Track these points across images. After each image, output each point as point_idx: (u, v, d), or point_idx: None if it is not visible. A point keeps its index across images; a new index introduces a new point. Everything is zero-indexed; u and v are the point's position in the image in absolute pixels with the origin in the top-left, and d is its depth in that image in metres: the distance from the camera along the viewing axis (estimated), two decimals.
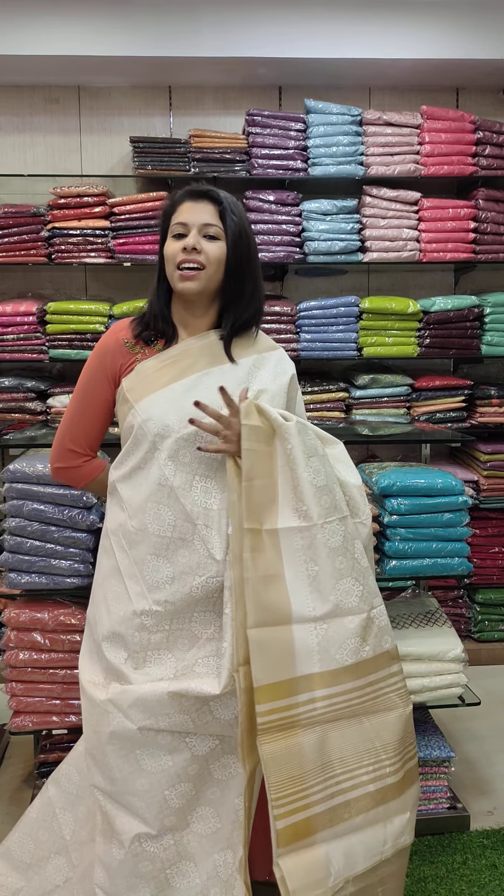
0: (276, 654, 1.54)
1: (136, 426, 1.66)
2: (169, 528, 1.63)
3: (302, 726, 1.54)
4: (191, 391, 1.66)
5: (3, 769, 2.76)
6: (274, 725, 1.52)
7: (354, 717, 1.61)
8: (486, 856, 2.28)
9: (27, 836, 1.87)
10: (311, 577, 1.59)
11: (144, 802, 1.62)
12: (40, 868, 1.83)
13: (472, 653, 3.05)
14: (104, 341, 1.76)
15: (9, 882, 1.85)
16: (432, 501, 2.34)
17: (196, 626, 1.66)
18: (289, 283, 3.95)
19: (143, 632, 1.63)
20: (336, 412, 3.62)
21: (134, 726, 1.60)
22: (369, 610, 1.64)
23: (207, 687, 1.59)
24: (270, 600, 1.55)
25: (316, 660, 1.57)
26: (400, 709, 1.67)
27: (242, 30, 3.46)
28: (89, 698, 1.67)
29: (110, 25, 3.42)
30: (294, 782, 1.51)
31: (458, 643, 2.38)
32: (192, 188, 1.71)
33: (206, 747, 1.65)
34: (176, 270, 1.65)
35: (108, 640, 1.67)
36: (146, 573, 1.64)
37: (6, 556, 2.34)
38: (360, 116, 3.57)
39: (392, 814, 1.62)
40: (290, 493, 1.62)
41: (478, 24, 3.54)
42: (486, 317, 3.65)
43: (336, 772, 1.57)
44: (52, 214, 3.48)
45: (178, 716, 1.60)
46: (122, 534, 1.68)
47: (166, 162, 3.53)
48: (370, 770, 1.60)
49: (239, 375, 1.70)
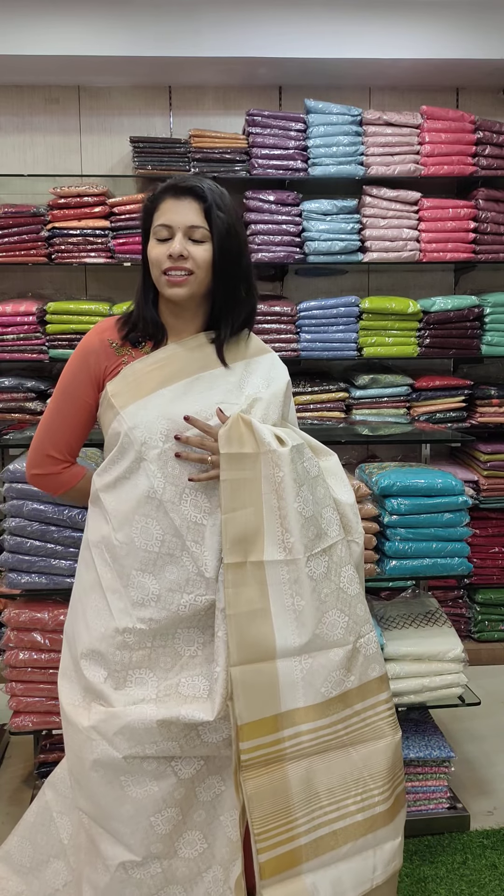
0: (261, 691, 1.50)
1: (123, 434, 1.57)
2: (157, 542, 1.55)
3: (287, 760, 1.51)
4: (180, 398, 1.58)
5: (3, 769, 2.76)
6: (259, 761, 1.48)
7: (342, 747, 1.58)
8: (486, 856, 2.28)
9: (26, 839, 1.86)
10: (297, 611, 1.54)
11: (129, 829, 1.55)
12: (40, 872, 1.82)
13: (472, 653, 3.05)
14: (88, 341, 1.65)
15: (9, 885, 1.84)
16: (432, 501, 2.34)
17: (179, 644, 1.59)
18: (289, 283, 3.95)
19: (124, 650, 1.56)
20: (336, 412, 3.62)
21: (119, 755, 1.52)
22: (355, 640, 1.60)
23: (200, 713, 1.52)
24: (255, 636, 1.51)
25: (300, 694, 1.54)
26: (389, 737, 1.63)
27: (242, 30, 3.46)
28: (71, 723, 1.58)
29: (110, 25, 3.42)
30: (278, 816, 1.48)
31: (458, 643, 2.38)
32: (174, 183, 1.58)
33: (191, 770, 1.58)
34: (162, 276, 1.57)
35: (87, 658, 1.59)
36: (131, 589, 1.56)
37: (6, 556, 2.34)
38: (360, 116, 3.57)
39: (381, 840, 1.58)
40: (277, 523, 1.55)
41: (478, 24, 3.54)
42: (486, 317, 3.65)
43: (322, 803, 1.53)
44: (52, 214, 3.48)
45: (166, 743, 1.53)
46: (105, 546, 1.59)
47: (166, 162, 3.53)
48: (358, 800, 1.57)
49: (231, 381, 1.63)
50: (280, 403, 1.67)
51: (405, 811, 1.67)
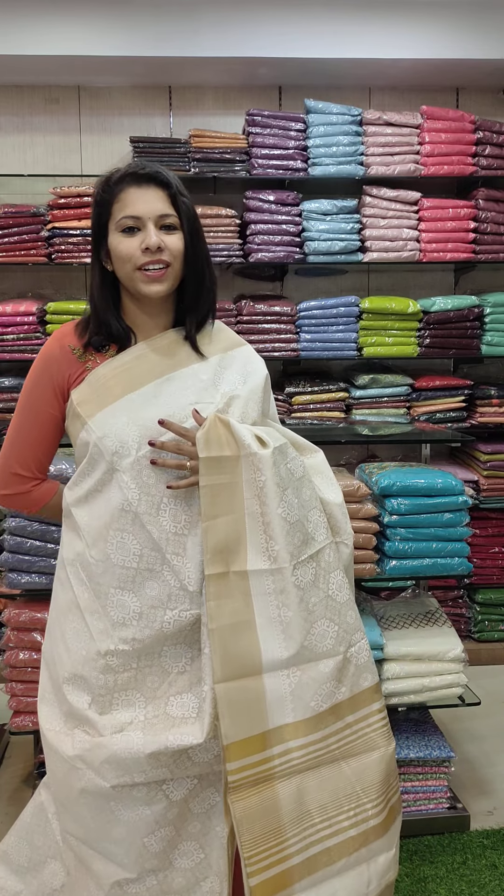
0: (247, 709, 1.42)
1: (92, 444, 1.47)
2: (134, 558, 1.46)
3: (277, 778, 1.44)
4: (151, 401, 1.48)
5: (3, 769, 2.76)
6: (247, 781, 1.40)
7: (333, 762, 1.51)
8: (486, 856, 2.28)
9: (23, 840, 1.85)
10: (284, 622, 1.46)
11: (122, 849, 1.48)
12: (38, 872, 1.82)
13: (472, 653, 3.05)
14: (48, 349, 1.53)
15: (8, 885, 1.84)
16: (432, 501, 2.34)
17: (166, 661, 1.50)
18: (289, 283, 3.95)
19: (108, 673, 1.46)
20: (336, 412, 3.62)
21: (107, 784, 1.44)
22: (346, 650, 1.53)
23: (189, 737, 1.43)
24: (240, 650, 1.42)
25: (289, 709, 1.46)
26: (382, 748, 1.56)
27: (242, 30, 3.46)
28: (54, 750, 1.50)
29: (110, 25, 3.42)
30: (269, 837, 1.41)
31: (458, 643, 2.38)
32: (133, 170, 1.47)
33: (183, 791, 1.50)
34: (136, 272, 1.46)
35: (69, 683, 1.49)
36: (110, 609, 1.46)
37: (6, 556, 2.34)
38: (360, 116, 3.57)
39: (375, 853, 1.52)
40: (260, 530, 1.46)
41: (478, 24, 3.54)
42: (486, 317, 3.65)
43: (315, 820, 1.47)
44: (52, 214, 3.48)
45: (155, 770, 1.45)
46: (80, 564, 1.49)
47: (166, 162, 3.53)
48: (351, 815, 1.50)
49: (204, 379, 1.53)
50: (259, 399, 1.58)
51: (400, 820, 1.62)
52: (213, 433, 1.44)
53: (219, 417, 1.46)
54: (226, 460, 1.44)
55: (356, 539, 2.28)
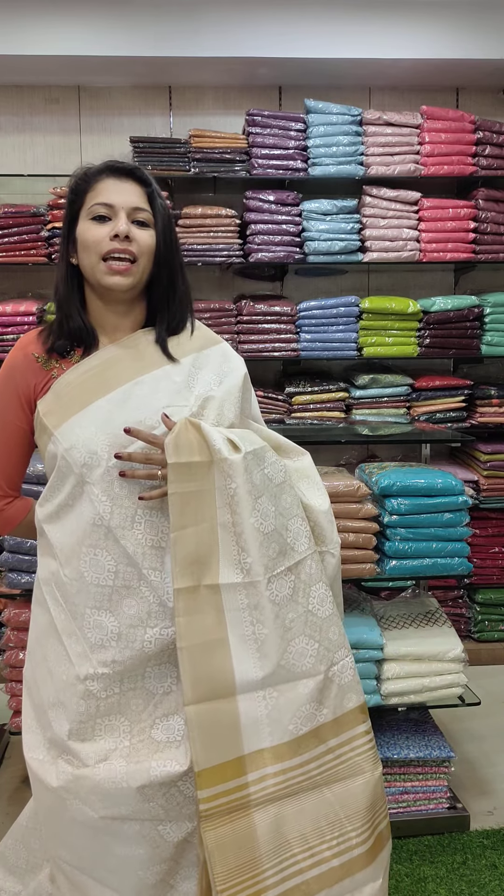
0: (220, 733, 1.33)
1: (59, 456, 1.38)
2: (109, 575, 1.37)
3: (253, 807, 1.34)
4: (120, 407, 1.40)
5: (3, 769, 2.76)
6: (220, 810, 1.32)
7: (315, 788, 1.41)
8: (486, 856, 2.28)
9: (20, 842, 1.84)
10: (259, 640, 1.37)
11: (117, 878, 1.41)
12: (35, 875, 1.81)
13: (472, 653, 3.05)
14: (10, 360, 1.46)
15: (7, 886, 1.84)
16: (432, 501, 2.34)
17: (150, 682, 1.40)
18: (289, 283, 3.95)
19: (89, 699, 1.37)
20: (336, 412, 3.62)
21: (95, 815, 1.36)
22: (327, 669, 1.43)
23: (173, 763, 1.35)
24: (212, 670, 1.34)
25: (266, 733, 1.36)
26: (367, 773, 1.45)
27: (242, 30, 3.46)
28: (39, 780, 1.42)
29: (110, 25, 3.42)
30: (244, 869, 1.32)
31: (458, 643, 2.38)
32: (113, 163, 1.44)
33: (181, 833, 1.40)
34: (101, 262, 1.39)
35: (54, 709, 1.41)
36: (87, 630, 1.38)
37: (6, 556, 2.34)
38: (360, 116, 3.57)
39: (360, 884, 1.42)
40: (232, 541, 1.37)
41: (478, 24, 3.54)
42: (486, 317, 3.65)
43: (294, 850, 1.37)
44: (52, 214, 3.48)
45: (144, 804, 1.36)
46: (55, 584, 1.41)
47: (166, 162, 3.53)
48: (334, 844, 1.40)
49: (177, 381, 1.44)
50: (236, 400, 1.48)
51: (389, 847, 1.51)
52: (182, 438, 1.36)
53: (189, 421, 1.38)
54: (196, 466, 1.36)
55: (356, 539, 2.29)
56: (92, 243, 1.39)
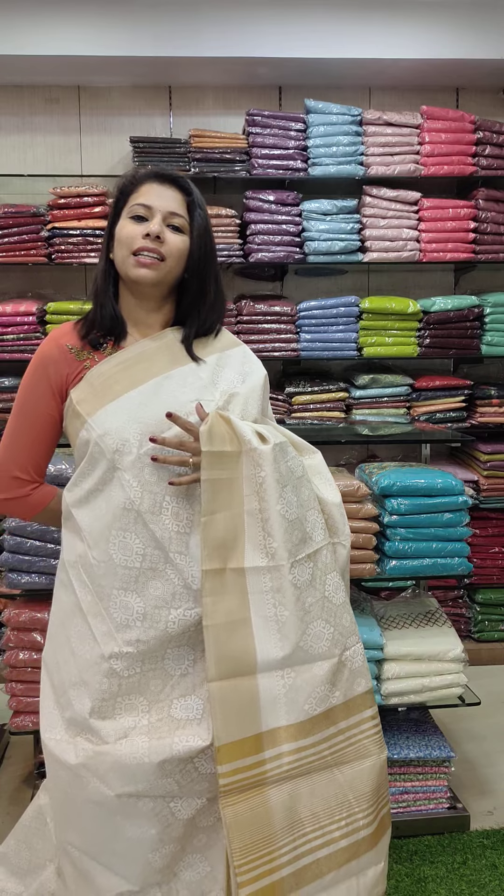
0: (240, 709, 1.39)
1: (92, 442, 1.46)
2: (137, 557, 1.44)
3: (269, 784, 1.40)
4: (151, 398, 1.48)
5: (3, 769, 2.76)
6: (239, 786, 1.38)
7: (326, 768, 1.48)
8: (486, 856, 2.28)
9: (22, 842, 1.85)
10: (280, 622, 1.44)
11: (125, 862, 1.46)
12: (37, 875, 1.82)
13: (472, 653, 3.05)
14: (44, 350, 1.53)
15: (8, 887, 1.84)
16: (432, 501, 2.34)
17: (169, 664, 1.48)
18: (289, 283, 3.95)
19: (112, 678, 1.44)
20: (336, 412, 3.62)
21: (112, 793, 1.42)
22: (341, 653, 1.50)
23: (196, 739, 1.42)
24: (236, 649, 1.40)
25: (283, 712, 1.43)
26: (374, 756, 1.53)
27: (242, 30, 3.46)
28: (56, 759, 1.47)
29: (110, 25, 3.42)
30: (260, 845, 1.38)
31: (458, 643, 2.38)
32: (159, 170, 1.53)
33: (191, 810, 1.47)
34: (131, 256, 1.48)
35: (75, 688, 1.47)
36: (113, 610, 1.44)
37: (6, 556, 2.34)
38: (360, 116, 3.57)
39: (364, 867, 1.49)
40: (258, 527, 1.45)
41: (478, 24, 3.55)
42: (486, 317, 3.65)
43: (306, 829, 1.43)
44: (52, 214, 3.48)
45: (161, 780, 1.42)
46: (81, 566, 1.48)
47: (166, 162, 3.53)
48: (343, 825, 1.47)
49: (203, 377, 1.53)
50: (259, 398, 1.58)
51: (389, 833, 1.58)
52: (216, 428, 1.44)
53: (220, 414, 1.46)
54: (227, 456, 1.44)
55: (356, 539, 2.29)
56: (125, 239, 1.49)
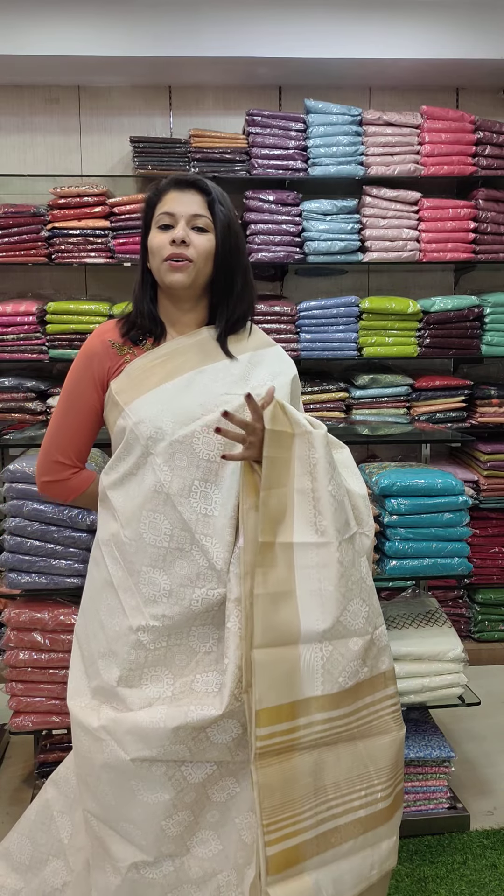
0: (282, 676, 1.47)
1: (128, 429, 1.57)
2: (165, 537, 1.55)
3: (298, 750, 1.49)
4: (184, 391, 1.59)
5: (3, 769, 2.77)
6: (272, 749, 1.46)
7: (350, 740, 1.56)
8: (486, 856, 2.28)
9: (25, 837, 1.86)
10: (324, 596, 1.51)
11: (140, 831, 1.55)
12: (39, 870, 1.82)
13: (472, 653, 3.05)
14: (90, 344, 1.67)
15: (8, 883, 1.84)
16: (432, 501, 2.34)
17: (194, 641, 1.57)
18: (289, 283, 3.95)
19: (139, 649, 1.55)
20: (336, 412, 3.62)
21: (127, 757, 1.52)
22: (373, 631, 1.58)
23: (209, 709, 1.51)
24: (280, 619, 1.48)
25: (319, 682, 1.51)
26: (394, 732, 1.62)
27: (242, 30, 3.46)
28: (79, 724, 1.59)
29: (110, 25, 3.42)
30: (287, 807, 1.45)
31: (458, 643, 2.38)
32: (178, 176, 1.63)
33: (202, 775, 1.57)
34: (163, 263, 1.58)
35: (104, 658, 1.58)
36: (142, 586, 1.55)
37: (6, 556, 2.34)
38: (360, 116, 3.57)
39: (380, 839, 1.57)
40: (310, 505, 1.53)
41: (478, 24, 3.54)
42: (486, 317, 3.65)
43: (329, 797, 1.52)
44: (52, 214, 3.48)
45: (174, 745, 1.52)
46: (114, 544, 1.59)
47: (166, 162, 3.53)
48: (362, 795, 1.55)
49: (235, 373, 1.63)
50: (285, 395, 1.66)
51: (402, 811, 1.66)
52: (277, 412, 1.52)
53: (278, 401, 1.54)
54: (285, 437, 1.52)
55: None
56: (157, 249, 1.59)
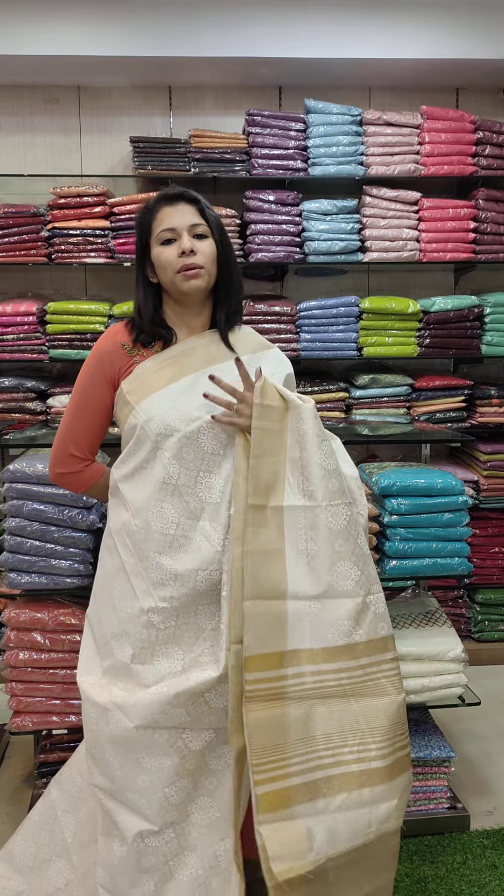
0: (269, 626, 1.58)
1: (139, 427, 1.68)
2: (172, 525, 1.67)
3: (289, 699, 1.57)
4: (190, 390, 1.70)
5: (3, 769, 2.76)
6: (261, 694, 1.55)
7: (343, 696, 1.63)
8: (486, 856, 2.28)
9: (29, 838, 1.87)
10: (311, 556, 1.63)
11: (146, 799, 1.64)
12: (41, 871, 1.83)
13: (472, 653, 3.05)
14: (102, 345, 1.77)
15: (10, 885, 1.85)
16: (432, 501, 2.34)
17: (202, 619, 1.69)
18: (289, 283, 3.95)
19: (150, 629, 1.66)
20: (336, 412, 3.62)
21: (131, 724, 1.62)
22: (365, 595, 1.66)
23: (209, 672, 1.62)
24: (268, 575, 1.59)
25: (307, 635, 1.61)
26: (392, 696, 1.67)
27: (242, 30, 3.46)
28: (89, 699, 1.69)
29: (110, 25, 3.42)
30: (275, 751, 1.54)
31: (458, 643, 2.38)
32: (165, 193, 1.75)
33: (202, 741, 1.67)
34: (177, 275, 1.69)
35: (117, 638, 1.69)
36: (151, 570, 1.67)
37: (6, 556, 2.34)
38: (360, 116, 3.57)
39: (378, 799, 1.61)
40: (298, 472, 1.66)
41: (478, 24, 3.54)
42: (486, 317, 3.65)
43: (318, 747, 1.58)
44: (52, 214, 3.48)
45: (174, 710, 1.62)
46: (125, 533, 1.70)
47: (166, 162, 3.53)
48: (354, 750, 1.60)
49: (236, 374, 1.71)
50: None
51: (407, 777, 1.68)
52: (266, 389, 1.67)
53: (267, 380, 1.69)
54: (275, 410, 1.66)
55: None
56: (167, 263, 1.70)
